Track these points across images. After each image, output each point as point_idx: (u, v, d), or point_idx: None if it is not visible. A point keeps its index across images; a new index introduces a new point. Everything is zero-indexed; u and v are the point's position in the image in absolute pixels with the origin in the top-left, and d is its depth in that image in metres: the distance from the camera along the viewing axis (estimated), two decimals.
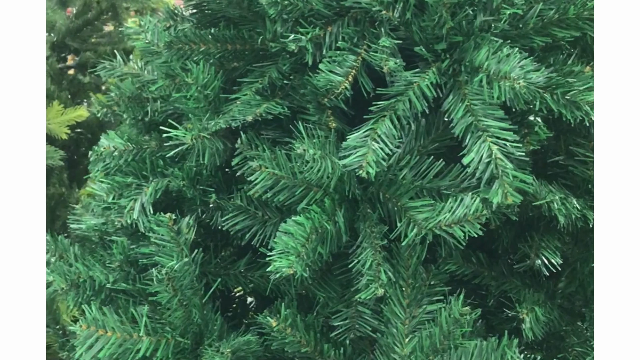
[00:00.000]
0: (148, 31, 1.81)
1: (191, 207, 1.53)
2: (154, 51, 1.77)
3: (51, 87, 2.41)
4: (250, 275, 1.52)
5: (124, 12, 2.75)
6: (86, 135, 2.49)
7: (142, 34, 1.85)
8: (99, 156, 1.52)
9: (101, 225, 1.61)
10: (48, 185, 2.47)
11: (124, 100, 1.70)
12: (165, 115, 1.72)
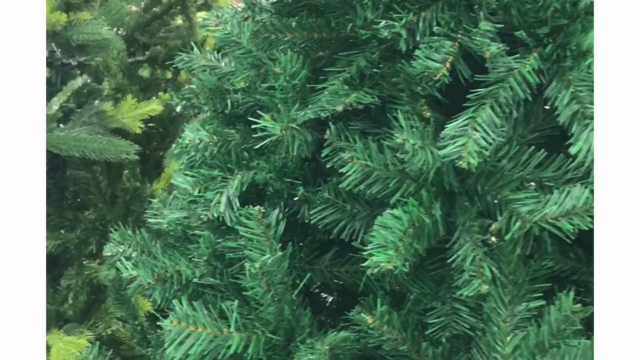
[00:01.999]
0: (227, 22, 1.80)
1: (275, 200, 1.51)
2: (234, 42, 1.75)
3: (123, 81, 2.42)
4: (335, 270, 1.49)
5: (193, 5, 2.74)
6: (158, 130, 2.50)
7: (220, 25, 1.84)
8: (184, 149, 1.50)
9: (184, 219, 1.60)
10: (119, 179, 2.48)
11: (205, 92, 1.69)
12: (247, 107, 1.70)
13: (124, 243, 1.69)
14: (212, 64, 1.89)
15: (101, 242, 2.33)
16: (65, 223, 2.39)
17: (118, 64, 2.46)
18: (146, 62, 2.60)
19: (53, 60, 2.44)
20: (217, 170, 1.49)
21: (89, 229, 2.37)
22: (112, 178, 2.45)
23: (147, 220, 1.93)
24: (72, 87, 2.36)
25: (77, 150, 2.14)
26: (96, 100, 2.55)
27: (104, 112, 2.26)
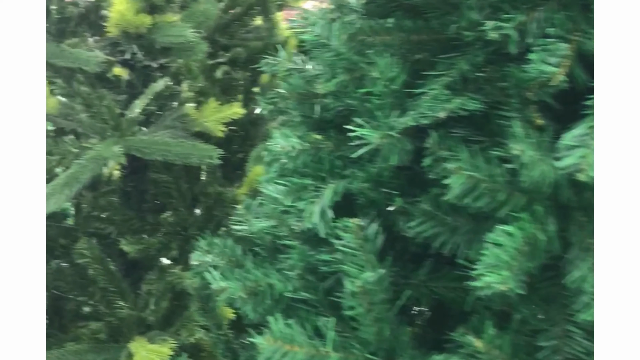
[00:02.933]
0: (315, 23, 1.74)
1: (368, 210, 1.44)
2: (323, 44, 1.69)
3: (205, 84, 2.39)
4: (432, 285, 1.41)
5: (273, 5, 2.70)
6: (239, 133, 2.46)
7: (308, 26, 1.78)
8: (275, 156, 1.45)
9: (272, 229, 1.55)
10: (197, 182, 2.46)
11: (294, 97, 1.63)
12: (336, 112, 1.65)
13: (211, 252, 1.65)
14: (298, 66, 1.84)
15: (183, 246, 2.30)
16: (146, 227, 2.38)
17: (199, 66, 2.43)
18: (226, 63, 2.57)
19: (135, 63, 2.43)
20: (309, 179, 1.43)
21: (170, 233, 2.35)
22: (192, 181, 2.42)
23: (231, 227, 1.89)
24: (154, 89, 2.34)
25: (160, 154, 2.12)
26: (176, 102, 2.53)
27: (187, 115, 2.24)
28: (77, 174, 2.11)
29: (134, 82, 2.48)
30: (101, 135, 2.25)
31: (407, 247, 1.42)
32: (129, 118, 2.27)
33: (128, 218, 2.36)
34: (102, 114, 2.24)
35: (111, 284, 2.24)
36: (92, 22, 2.62)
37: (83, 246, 2.22)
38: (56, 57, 2.23)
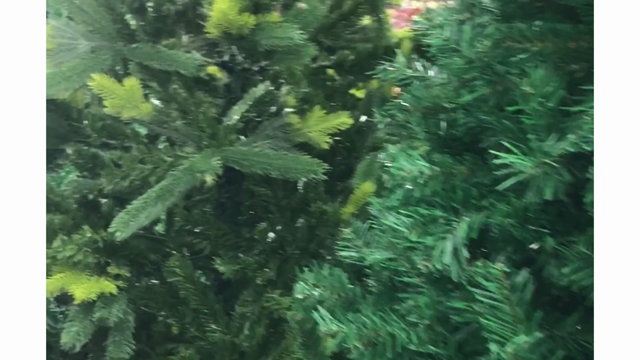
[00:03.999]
0: (441, 25, 1.55)
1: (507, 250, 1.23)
2: (453, 49, 1.50)
3: (309, 90, 2.22)
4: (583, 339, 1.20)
5: (383, 4, 2.51)
6: (344, 143, 2.28)
7: (433, 28, 1.59)
8: (398, 181, 1.26)
9: (390, 262, 1.36)
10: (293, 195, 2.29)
11: (418, 110, 1.44)
12: (466, 129, 1.45)
13: (319, 285, 1.48)
14: (420, 74, 1.65)
15: (281, 267, 2.14)
16: (242, 243, 2.23)
17: (302, 70, 2.27)
18: (332, 67, 2.39)
19: (234, 65, 2.28)
20: (439, 210, 1.23)
21: (267, 251, 2.19)
22: (292, 195, 2.26)
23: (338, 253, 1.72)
24: (254, 95, 2.18)
25: (260, 167, 1.97)
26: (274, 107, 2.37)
27: (289, 124, 2.07)
28: (170, 186, 1.97)
29: (233, 86, 2.33)
30: (197, 143, 2.11)
31: (557, 297, 1.21)
32: (227, 125, 2.13)
33: (223, 233, 2.22)
34: (199, 121, 2.10)
35: (203, 305, 2.10)
36: (190, 21, 2.49)
37: (174, 264, 2.09)
38: (152, 59, 2.10)
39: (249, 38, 1.98)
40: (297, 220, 2.23)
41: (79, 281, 1.91)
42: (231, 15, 1.89)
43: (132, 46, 2.15)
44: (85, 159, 2.45)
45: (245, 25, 1.94)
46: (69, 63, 2.07)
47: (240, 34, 1.98)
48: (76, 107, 2.34)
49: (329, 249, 2.12)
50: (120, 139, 2.35)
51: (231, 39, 2.02)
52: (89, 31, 2.18)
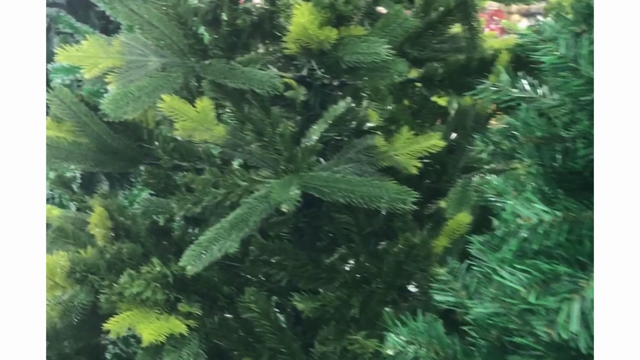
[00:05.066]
0: (554, 39, 1.37)
1: None
2: (570, 67, 1.31)
3: (396, 108, 2.04)
4: None
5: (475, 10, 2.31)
6: (434, 167, 2.09)
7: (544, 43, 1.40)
8: (512, 229, 1.07)
9: (499, 319, 1.18)
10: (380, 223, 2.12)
11: (531, 140, 1.25)
12: (587, 161, 1.25)
13: (413, 341, 1.30)
14: (527, 95, 1.46)
15: (365, 304, 1.97)
16: (322, 275, 2.07)
17: (387, 85, 2.09)
18: (419, 81, 2.20)
19: (312, 80, 2.12)
20: (564, 265, 1.04)
21: (349, 284, 2.02)
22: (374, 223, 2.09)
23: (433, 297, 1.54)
24: (334, 113, 2.02)
25: (342, 194, 1.80)
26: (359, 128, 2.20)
27: (374, 147, 1.90)
28: (246, 216, 1.83)
29: (311, 103, 2.17)
30: (273, 168, 1.96)
31: None
32: (305, 147, 1.97)
33: (301, 264, 2.06)
34: (275, 143, 1.94)
35: (280, 343, 1.95)
36: (266, 33, 2.34)
37: (250, 298, 1.94)
38: (226, 77, 1.97)
39: (331, 54, 1.82)
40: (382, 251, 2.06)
41: (147, 320, 1.78)
42: (311, 30, 1.73)
43: (205, 62, 2.02)
44: (158, 178, 2.35)
45: (327, 40, 1.78)
46: (138, 83, 1.94)
47: (321, 49, 1.82)
48: (146, 127, 2.23)
49: (419, 285, 1.93)
50: (192, 161, 2.23)
51: (311, 54, 1.86)
52: (159, 47, 2.06)
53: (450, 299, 1.47)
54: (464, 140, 2.15)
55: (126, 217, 2.30)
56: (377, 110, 2.10)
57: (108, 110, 1.89)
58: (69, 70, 3.33)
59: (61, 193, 3.05)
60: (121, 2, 2.07)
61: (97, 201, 2.26)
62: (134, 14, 2.06)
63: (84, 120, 2.12)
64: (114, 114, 1.91)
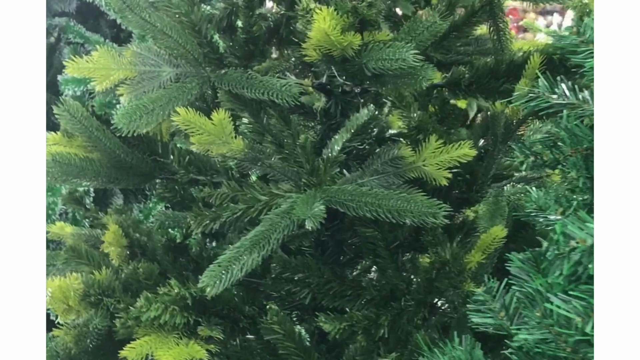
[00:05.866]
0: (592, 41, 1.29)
1: None
2: None
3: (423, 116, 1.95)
4: None
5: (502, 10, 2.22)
6: (464, 177, 2.00)
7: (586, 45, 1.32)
8: (562, 252, 0.98)
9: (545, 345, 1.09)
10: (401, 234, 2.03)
11: (578, 151, 1.16)
12: None
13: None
14: (568, 102, 1.37)
15: (394, 322, 1.88)
16: (348, 292, 1.98)
17: (411, 91, 2.00)
18: (445, 86, 2.11)
19: (332, 87, 2.03)
20: None
21: (377, 301, 1.94)
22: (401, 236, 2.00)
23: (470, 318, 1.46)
24: (357, 121, 1.93)
25: (369, 209, 1.72)
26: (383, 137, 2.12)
27: (401, 157, 1.81)
28: (267, 233, 1.75)
29: (331, 111, 2.09)
30: (295, 181, 1.87)
31: None
32: (328, 159, 1.88)
33: (326, 281, 1.97)
34: (296, 155, 1.86)
35: None
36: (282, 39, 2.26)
37: (273, 319, 1.85)
38: (243, 86, 1.88)
39: (354, 60, 1.73)
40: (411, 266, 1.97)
41: (166, 346, 1.70)
42: (334, 36, 1.65)
43: (221, 72, 1.94)
44: (174, 192, 2.28)
45: (350, 45, 1.69)
46: (151, 95, 1.87)
47: (344, 56, 1.74)
48: (160, 140, 2.15)
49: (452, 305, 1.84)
50: (209, 174, 2.15)
51: (333, 61, 1.77)
52: (172, 56, 1.99)
53: (488, 320, 1.38)
54: (494, 148, 2.06)
55: (141, 232, 2.22)
56: (402, 117, 2.01)
57: (121, 124, 1.81)
58: (80, 81, 3.28)
59: (74, 209, 2.99)
60: (132, 11, 2.00)
61: (111, 218, 2.19)
62: (146, 23, 1.99)
63: (96, 135, 2.04)
64: (127, 129, 1.83)
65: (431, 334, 1.89)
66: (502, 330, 1.37)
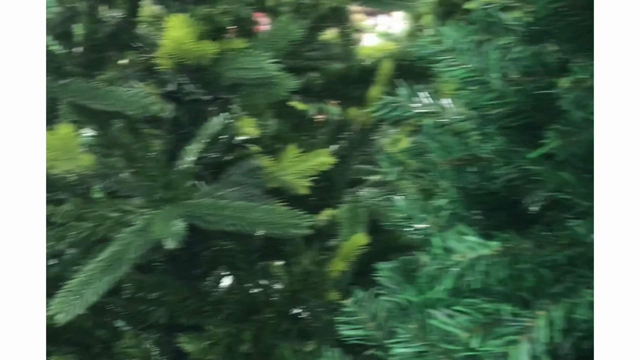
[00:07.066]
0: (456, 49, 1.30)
1: None
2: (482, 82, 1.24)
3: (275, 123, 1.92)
4: None
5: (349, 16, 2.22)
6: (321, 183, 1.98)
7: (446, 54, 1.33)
8: (448, 268, 0.97)
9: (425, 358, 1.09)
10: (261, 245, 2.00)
11: (448, 162, 1.16)
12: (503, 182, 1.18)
13: None
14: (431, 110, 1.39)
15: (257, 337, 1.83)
16: (206, 308, 1.91)
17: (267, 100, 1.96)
18: (298, 93, 2.08)
19: (181, 95, 1.96)
20: (507, 305, 0.95)
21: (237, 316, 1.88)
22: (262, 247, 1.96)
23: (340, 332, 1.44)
24: (209, 130, 1.87)
25: (229, 222, 1.66)
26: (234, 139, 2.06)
27: (260, 167, 1.77)
28: (121, 253, 1.66)
29: (182, 121, 2.01)
30: (148, 196, 1.79)
31: None
32: (181, 170, 1.81)
33: (183, 298, 1.90)
34: (148, 169, 1.77)
35: None
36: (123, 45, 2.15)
37: (127, 342, 1.76)
38: (87, 98, 1.77)
39: (210, 69, 1.67)
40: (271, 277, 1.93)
41: None
42: (188, 44, 1.58)
43: (63, 82, 1.81)
44: None
45: (206, 54, 1.63)
46: None
47: (199, 65, 1.67)
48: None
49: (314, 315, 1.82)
50: (51, 191, 2.01)
51: (187, 70, 1.70)
52: None
53: (358, 332, 1.37)
54: (349, 153, 2.06)
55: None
56: (257, 126, 1.96)
57: None
58: None
59: None
60: None
61: None
62: None
63: None
64: None
65: (294, 346, 1.87)
66: (373, 341, 1.36)
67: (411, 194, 1.51)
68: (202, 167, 1.88)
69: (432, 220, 1.25)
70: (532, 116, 1.17)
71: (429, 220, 1.26)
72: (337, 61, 2.21)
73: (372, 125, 2.05)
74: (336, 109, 2.11)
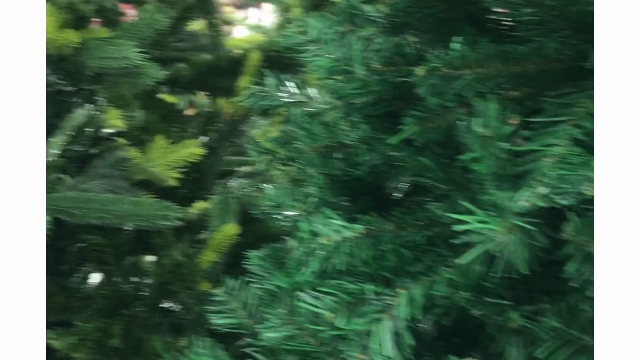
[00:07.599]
0: (320, 39, 1.33)
1: None
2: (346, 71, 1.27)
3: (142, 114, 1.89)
4: None
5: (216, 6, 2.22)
6: (190, 175, 1.97)
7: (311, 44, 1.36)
8: (314, 251, 1.00)
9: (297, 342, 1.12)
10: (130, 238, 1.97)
11: (314, 149, 1.19)
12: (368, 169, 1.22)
13: None
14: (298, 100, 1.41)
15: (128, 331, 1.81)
16: (74, 304, 1.87)
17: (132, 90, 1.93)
18: (166, 84, 2.06)
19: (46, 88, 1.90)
20: (370, 284, 0.99)
21: (107, 310, 1.85)
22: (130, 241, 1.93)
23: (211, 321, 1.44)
24: (73, 122, 1.83)
25: (95, 216, 1.63)
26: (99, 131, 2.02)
27: (126, 159, 1.74)
28: None
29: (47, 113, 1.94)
30: None
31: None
32: (47, 164, 1.75)
33: (49, 294, 1.84)
34: None
35: None
36: None
37: None
38: None
39: (73, 59, 1.63)
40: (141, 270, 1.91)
41: None
42: (50, 34, 1.53)
43: None
44: None
45: (68, 44, 1.58)
46: None
47: (61, 55, 1.62)
48: None
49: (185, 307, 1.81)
50: None
51: (49, 61, 1.65)
52: None
53: (230, 321, 1.38)
54: (218, 144, 2.06)
55: None
56: (123, 117, 1.93)
57: None
58: None
59: None
60: None
61: None
62: None
63: None
64: None
65: (165, 338, 1.85)
66: (245, 329, 1.37)
67: (280, 183, 1.53)
68: (66, 160, 1.83)
69: (301, 207, 1.27)
70: (393, 104, 1.22)
71: (298, 208, 1.29)
72: (206, 52, 2.20)
73: (241, 116, 2.06)
74: (205, 100, 2.10)
